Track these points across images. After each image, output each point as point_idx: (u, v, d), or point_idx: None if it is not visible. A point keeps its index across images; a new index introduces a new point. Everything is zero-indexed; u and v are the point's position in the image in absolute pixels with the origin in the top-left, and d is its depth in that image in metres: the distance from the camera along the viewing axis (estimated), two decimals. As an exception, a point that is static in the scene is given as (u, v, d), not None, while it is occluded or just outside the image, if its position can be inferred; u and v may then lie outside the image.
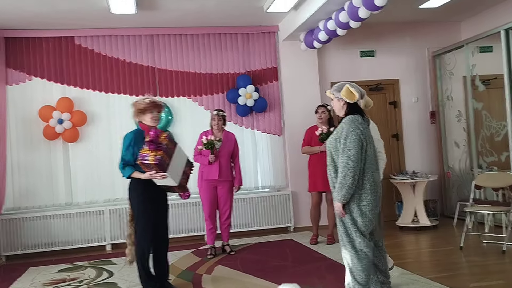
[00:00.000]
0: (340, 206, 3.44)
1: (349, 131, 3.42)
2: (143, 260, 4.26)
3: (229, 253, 5.83)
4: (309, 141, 6.15)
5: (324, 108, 6.07)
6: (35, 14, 5.98)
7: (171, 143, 4.21)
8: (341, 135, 3.46)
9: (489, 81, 6.81)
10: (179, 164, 4.29)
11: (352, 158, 3.36)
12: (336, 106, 3.64)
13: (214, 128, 5.81)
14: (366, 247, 3.44)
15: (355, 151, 3.37)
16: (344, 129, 3.46)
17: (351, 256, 3.46)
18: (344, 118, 3.56)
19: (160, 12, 6.22)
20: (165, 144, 4.12)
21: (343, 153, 3.40)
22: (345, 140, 3.40)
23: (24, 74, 6.62)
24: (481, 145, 6.86)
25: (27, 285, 5.05)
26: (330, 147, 3.54)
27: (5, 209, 6.47)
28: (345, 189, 3.37)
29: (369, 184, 3.44)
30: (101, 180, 6.74)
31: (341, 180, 3.38)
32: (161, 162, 4.01)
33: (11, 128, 6.55)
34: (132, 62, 6.89)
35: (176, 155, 4.23)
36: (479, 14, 7.33)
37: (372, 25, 7.14)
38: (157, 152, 4.03)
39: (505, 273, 4.52)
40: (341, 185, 3.39)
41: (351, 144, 3.38)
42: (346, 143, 3.40)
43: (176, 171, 4.23)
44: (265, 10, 6.24)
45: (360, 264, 3.43)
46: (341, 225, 3.52)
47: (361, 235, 3.44)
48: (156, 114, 4.27)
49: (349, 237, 3.47)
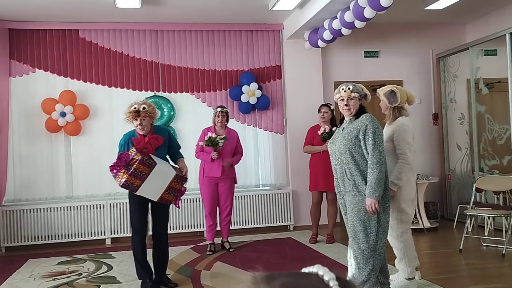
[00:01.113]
0: (375, 202, 3.40)
1: (375, 128, 3.46)
2: (136, 252, 4.32)
3: (228, 250, 5.83)
4: (311, 140, 6.14)
5: (327, 107, 6.06)
6: (40, 7, 5.98)
7: (144, 167, 4.00)
8: (366, 132, 3.45)
9: (492, 84, 6.80)
10: (158, 182, 4.12)
11: (383, 153, 3.44)
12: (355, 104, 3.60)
13: (217, 125, 5.80)
14: (383, 247, 3.48)
15: (383, 147, 3.47)
16: (369, 126, 3.46)
17: (364, 255, 3.44)
18: (364, 116, 3.55)
19: (164, 8, 6.21)
20: (134, 169, 3.96)
21: (374, 150, 3.41)
22: (374, 136, 3.43)
23: (28, 66, 6.62)
24: (483, 148, 6.85)
25: (26, 276, 5.06)
26: (348, 144, 3.50)
27: (5, 201, 6.48)
28: (381, 185, 3.42)
29: (387, 182, 3.54)
30: (102, 174, 6.71)
31: (378, 176, 3.39)
32: (126, 185, 3.98)
33: (14, 120, 6.56)
34: (136, 57, 6.89)
35: (152, 176, 4.05)
36: (485, 17, 7.31)
37: (377, 25, 7.13)
38: (123, 174, 3.98)
39: (504, 276, 4.52)
40: (378, 181, 3.39)
41: (379, 140, 3.44)
42: (375, 140, 3.43)
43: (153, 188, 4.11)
44: (270, 8, 6.23)
45: (371, 263, 3.44)
46: (360, 223, 3.47)
47: (383, 233, 3.48)
48: (138, 124, 4.17)
49: (368, 235, 3.46)
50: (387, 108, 4.06)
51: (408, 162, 3.87)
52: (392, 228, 3.92)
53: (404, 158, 3.88)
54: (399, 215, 3.94)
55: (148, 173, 4.02)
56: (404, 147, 3.89)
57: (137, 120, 4.16)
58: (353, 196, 3.48)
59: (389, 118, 4.05)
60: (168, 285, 4.43)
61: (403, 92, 4.05)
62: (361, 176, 3.46)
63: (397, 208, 3.92)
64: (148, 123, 4.23)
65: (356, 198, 3.47)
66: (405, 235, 3.99)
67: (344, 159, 3.53)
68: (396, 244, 4.00)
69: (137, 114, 4.16)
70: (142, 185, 4.02)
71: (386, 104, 4.04)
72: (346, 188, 3.54)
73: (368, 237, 3.46)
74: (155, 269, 4.42)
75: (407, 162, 3.87)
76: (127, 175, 3.95)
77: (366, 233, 3.46)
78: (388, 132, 3.99)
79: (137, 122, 4.17)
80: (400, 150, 3.90)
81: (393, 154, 3.93)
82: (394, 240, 4.00)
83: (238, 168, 6.34)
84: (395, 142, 3.92)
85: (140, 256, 4.32)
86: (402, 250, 4.00)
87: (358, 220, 3.48)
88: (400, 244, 3.99)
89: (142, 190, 4.06)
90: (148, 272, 4.37)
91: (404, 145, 3.89)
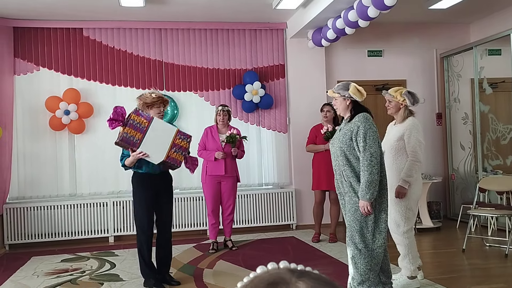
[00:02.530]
0: (367, 205, 3.40)
1: (367, 129, 3.43)
2: (142, 251, 4.33)
3: (231, 249, 5.84)
4: (314, 139, 6.15)
5: (329, 106, 6.06)
6: (44, 5, 6.00)
7: (141, 118, 3.98)
8: (357, 134, 3.44)
9: (496, 84, 6.78)
10: (161, 138, 4.05)
11: (374, 155, 3.39)
12: (341, 105, 3.60)
13: (219, 123, 5.81)
14: (379, 246, 3.46)
15: (376, 147, 3.41)
16: (360, 127, 3.45)
17: (362, 255, 3.44)
18: (357, 116, 3.53)
19: (168, 6, 6.22)
20: (131, 120, 3.93)
21: (365, 151, 3.40)
22: (365, 138, 3.41)
23: (32, 65, 6.64)
24: (487, 148, 6.84)
25: (30, 274, 5.08)
26: (343, 147, 3.51)
27: (9, 198, 6.51)
28: (373, 187, 3.38)
29: (385, 180, 3.52)
30: (105, 172, 6.76)
31: (368, 178, 3.37)
32: (126, 138, 3.89)
33: (18, 118, 6.59)
34: (140, 56, 6.91)
35: (152, 129, 4.00)
36: (489, 17, 7.29)
37: (381, 24, 7.12)
38: (123, 128, 3.92)
39: (507, 276, 4.51)
40: (369, 183, 3.37)
41: (371, 141, 3.40)
42: (366, 141, 3.40)
43: (157, 145, 4.02)
44: (274, 7, 6.23)
45: (369, 263, 3.44)
46: (356, 223, 3.48)
47: (380, 232, 3.46)
48: (162, 110, 4.29)
49: (364, 235, 3.46)
50: (399, 109, 4.09)
51: (418, 160, 3.96)
52: (399, 225, 3.99)
53: (414, 156, 3.96)
54: (407, 212, 3.99)
55: (147, 125, 3.97)
56: (415, 145, 3.97)
57: (162, 106, 4.28)
58: (350, 197, 3.49)
59: (400, 118, 4.10)
60: (171, 283, 4.44)
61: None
62: (357, 178, 3.47)
63: (406, 205, 3.98)
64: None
65: (353, 199, 3.48)
66: (410, 232, 4.05)
67: (340, 161, 3.54)
68: (401, 241, 4.04)
69: (166, 101, 4.33)
70: (143, 139, 3.94)
71: (400, 105, 4.06)
72: (345, 189, 3.55)
73: (364, 237, 3.46)
74: (158, 268, 4.45)
75: (417, 160, 3.96)
76: (127, 127, 3.91)
77: (362, 233, 3.47)
78: (398, 131, 4.05)
79: (162, 109, 4.29)
80: (411, 148, 3.97)
81: (404, 153, 4.00)
82: (399, 237, 4.05)
83: (241, 166, 6.36)
84: (406, 141, 3.99)
85: (146, 255, 4.34)
86: (406, 246, 4.04)
87: (354, 220, 3.49)
88: (405, 241, 4.03)
89: (145, 146, 3.94)
90: (152, 271, 4.40)
91: (416, 143, 3.97)
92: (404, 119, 4.08)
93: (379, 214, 3.49)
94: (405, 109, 4.08)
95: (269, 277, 0.71)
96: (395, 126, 4.16)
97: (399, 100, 4.05)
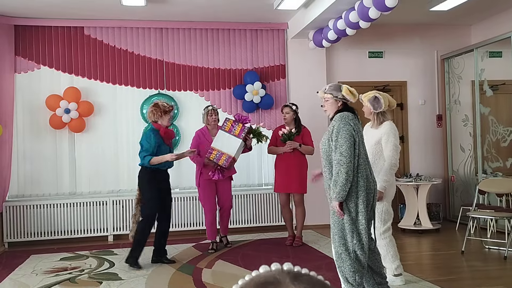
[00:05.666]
0: (337, 205, 3.39)
1: (340, 128, 3.40)
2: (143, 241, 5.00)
3: (225, 245, 5.86)
4: (275, 141, 6.07)
5: (288, 108, 5.96)
6: (45, 3, 6.00)
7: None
8: (332, 133, 3.43)
9: (497, 86, 6.78)
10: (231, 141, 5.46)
11: (344, 154, 3.33)
12: (331, 106, 3.57)
13: (210, 124, 5.76)
14: (360, 249, 3.40)
15: (346, 146, 3.34)
16: (335, 127, 3.44)
17: (342, 258, 3.43)
18: (335, 116, 3.52)
19: (169, 6, 6.22)
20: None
21: (335, 150, 3.38)
22: (337, 137, 3.39)
23: (33, 63, 6.64)
24: (487, 150, 6.83)
25: (29, 272, 5.08)
26: (324, 148, 3.50)
27: (9, 196, 6.51)
28: (339, 187, 3.33)
29: (363, 181, 3.41)
30: (105, 171, 6.76)
31: (335, 178, 3.35)
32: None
33: (18, 116, 6.59)
34: (141, 55, 6.91)
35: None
36: (490, 19, 7.29)
37: (382, 26, 7.11)
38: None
39: (505, 279, 4.51)
40: (334, 183, 3.35)
41: (342, 140, 3.36)
42: (338, 140, 3.38)
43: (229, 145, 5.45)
44: (275, 7, 6.23)
45: (352, 266, 3.40)
46: (335, 225, 3.47)
47: (358, 235, 3.41)
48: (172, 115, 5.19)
49: (343, 238, 3.43)
50: (370, 113, 4.22)
51: (395, 164, 4.10)
52: (376, 227, 4.01)
53: (391, 160, 4.07)
54: (383, 214, 4.12)
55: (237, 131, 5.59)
56: (392, 149, 4.07)
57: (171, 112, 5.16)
58: (330, 199, 3.47)
59: (374, 122, 4.21)
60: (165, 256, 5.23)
61: (385, 98, 4.19)
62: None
63: (382, 207, 4.11)
64: None
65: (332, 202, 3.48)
66: (387, 232, 4.17)
67: (323, 161, 3.53)
68: (379, 242, 4.08)
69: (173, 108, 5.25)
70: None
71: (370, 110, 4.19)
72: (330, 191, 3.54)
73: (344, 240, 3.43)
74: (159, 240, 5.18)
75: (394, 164, 4.09)
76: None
77: (341, 236, 3.44)
78: (375, 135, 4.15)
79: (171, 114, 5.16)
80: (388, 153, 4.08)
81: (381, 156, 4.11)
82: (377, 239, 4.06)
83: (240, 167, 6.35)
84: (383, 145, 4.11)
85: (144, 243, 5.00)
86: (385, 247, 4.13)
87: (333, 222, 3.50)
88: (382, 242, 4.12)
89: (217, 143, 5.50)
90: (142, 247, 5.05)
91: (392, 147, 4.07)
92: (380, 123, 4.17)
93: (356, 216, 3.42)
94: (377, 114, 4.18)
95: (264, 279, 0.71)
96: (372, 129, 4.23)
97: (366, 105, 4.18)
